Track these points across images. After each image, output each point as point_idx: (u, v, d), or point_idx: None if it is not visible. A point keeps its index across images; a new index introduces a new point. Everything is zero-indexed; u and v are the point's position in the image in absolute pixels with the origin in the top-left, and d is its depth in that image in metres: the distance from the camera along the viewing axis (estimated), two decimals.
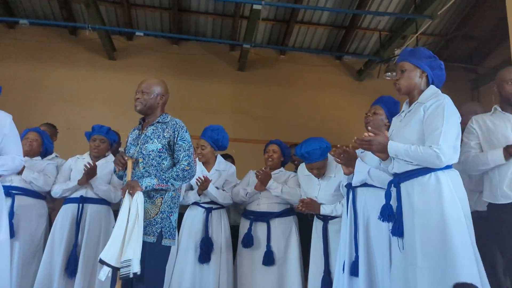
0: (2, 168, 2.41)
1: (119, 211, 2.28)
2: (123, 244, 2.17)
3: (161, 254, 2.26)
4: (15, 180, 3.26)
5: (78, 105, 6.19)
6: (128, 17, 6.30)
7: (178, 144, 2.40)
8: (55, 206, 3.57)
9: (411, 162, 2.02)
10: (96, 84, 6.39)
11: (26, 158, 3.27)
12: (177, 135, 2.41)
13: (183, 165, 2.36)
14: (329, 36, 6.74)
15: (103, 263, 2.15)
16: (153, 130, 2.46)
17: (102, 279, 2.15)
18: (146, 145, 2.43)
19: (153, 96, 2.51)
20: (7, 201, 2.90)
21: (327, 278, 2.75)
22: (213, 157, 3.47)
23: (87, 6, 5.44)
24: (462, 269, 1.82)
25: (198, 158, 3.41)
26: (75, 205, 3.23)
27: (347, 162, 2.54)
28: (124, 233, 2.19)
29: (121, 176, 2.60)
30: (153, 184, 2.30)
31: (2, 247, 2.33)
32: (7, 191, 2.99)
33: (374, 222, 2.34)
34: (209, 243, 3.18)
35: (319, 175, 3.00)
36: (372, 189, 2.46)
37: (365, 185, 2.51)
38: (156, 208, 2.34)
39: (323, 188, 2.98)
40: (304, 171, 3.16)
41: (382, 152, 2.09)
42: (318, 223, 2.97)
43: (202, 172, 3.33)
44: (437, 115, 2.01)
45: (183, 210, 3.39)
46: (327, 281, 2.74)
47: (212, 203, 3.34)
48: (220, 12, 6.34)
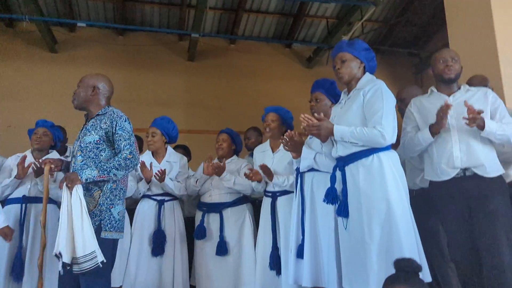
0: None
1: (60, 207, 2.21)
2: (72, 240, 2.13)
3: (103, 247, 2.19)
4: None
5: (18, 101, 5.86)
6: (69, 7, 6.03)
7: (117, 133, 2.34)
8: None
9: (357, 143, 2.12)
10: (37, 78, 6.07)
11: None
12: (115, 124, 2.35)
13: (125, 154, 2.30)
14: (278, 24, 6.77)
15: (59, 256, 2.12)
16: (93, 123, 2.41)
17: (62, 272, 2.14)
18: (84, 138, 2.38)
19: (87, 90, 2.46)
20: None
21: (275, 254, 2.79)
22: (163, 148, 3.43)
23: None
24: (404, 243, 1.95)
25: (148, 147, 3.38)
26: (18, 205, 3.09)
27: (294, 148, 2.60)
28: (69, 229, 2.14)
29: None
30: (94, 176, 2.24)
31: None
32: None
33: (321, 206, 2.40)
34: (161, 236, 3.15)
35: (270, 133, 3.04)
36: (319, 174, 2.52)
37: (312, 169, 2.57)
38: (94, 201, 2.29)
39: (276, 161, 3.01)
40: (260, 149, 3.22)
41: (327, 136, 2.21)
42: (266, 200, 2.99)
43: (152, 165, 3.27)
44: (377, 99, 2.14)
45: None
46: (275, 256, 2.78)
47: (164, 195, 3.30)
48: (166, 1, 6.20)
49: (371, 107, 2.14)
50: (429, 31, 6.87)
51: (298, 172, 2.64)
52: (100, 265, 2.11)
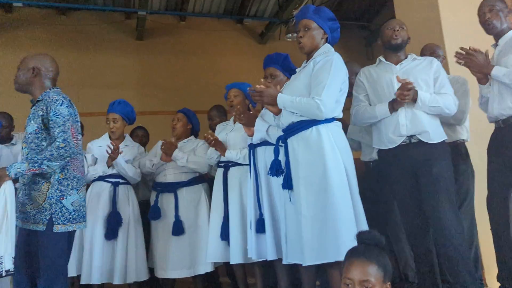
0: None
1: None
2: None
3: (56, 242, 2.12)
4: None
5: None
6: None
7: (52, 120, 2.17)
8: None
9: (296, 113, 2.11)
10: None
11: None
12: (49, 110, 2.17)
13: (58, 142, 2.12)
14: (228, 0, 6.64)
15: None
16: (34, 110, 2.26)
17: None
18: (27, 128, 2.24)
19: (27, 72, 2.29)
20: None
21: (226, 224, 2.78)
22: (123, 134, 3.38)
23: None
24: (340, 214, 1.97)
25: (111, 134, 3.30)
26: None
27: (248, 121, 2.57)
28: None
29: None
30: (23, 170, 2.08)
31: None
32: None
33: (276, 179, 2.39)
34: (117, 218, 3.09)
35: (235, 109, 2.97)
36: (272, 147, 2.45)
37: (265, 143, 2.55)
38: (42, 194, 2.17)
39: (234, 132, 2.96)
40: (223, 124, 3.17)
41: (273, 104, 2.17)
42: (219, 171, 2.96)
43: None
44: (324, 70, 2.11)
45: None
46: (227, 226, 2.77)
47: (119, 177, 3.23)
48: None
49: (316, 77, 2.12)
50: (377, 4, 6.97)
51: (251, 148, 2.62)
52: (3, 274, 1.97)
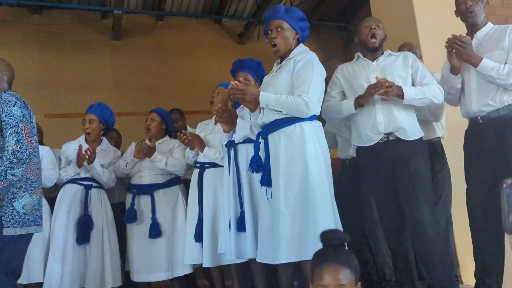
0: None
1: None
2: None
3: (5, 245, 2.04)
4: None
5: None
6: None
7: (4, 121, 2.12)
8: None
9: (281, 111, 2.10)
10: None
11: None
12: (2, 111, 2.12)
13: (11, 147, 2.06)
14: None
15: None
16: None
17: None
18: None
19: None
20: None
21: (200, 225, 2.75)
22: (99, 136, 3.31)
23: None
24: (320, 212, 1.97)
25: (86, 135, 3.22)
26: None
27: (229, 120, 2.54)
28: None
29: None
30: None
31: None
32: None
33: (257, 176, 2.35)
34: (88, 222, 3.01)
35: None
36: (252, 144, 2.43)
37: (246, 141, 2.52)
38: None
39: (215, 132, 2.92)
40: (205, 122, 3.13)
41: (253, 103, 2.15)
42: (194, 172, 2.93)
43: (82, 147, 3.10)
44: (307, 68, 2.12)
45: None
46: (200, 228, 2.74)
47: (92, 180, 3.15)
48: None
49: (300, 76, 2.12)
50: (355, 4, 7.02)
51: (230, 145, 2.58)
52: None
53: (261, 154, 2.18)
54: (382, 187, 2.38)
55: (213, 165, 2.83)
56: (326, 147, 2.17)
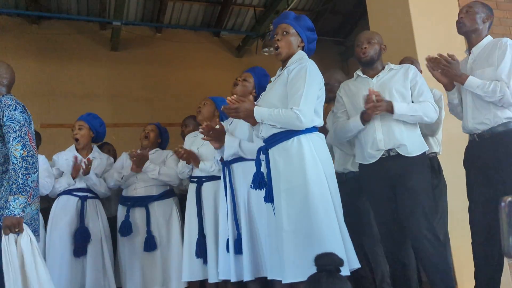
0: None
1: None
2: None
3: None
4: None
5: None
6: None
7: (5, 125, 2.07)
8: None
9: (276, 125, 2.04)
10: None
11: None
12: (2, 115, 2.08)
13: (19, 153, 2.02)
14: (205, 12, 6.63)
15: None
16: None
17: None
18: None
19: None
20: None
21: (201, 241, 2.71)
22: (90, 145, 3.27)
23: None
24: (324, 230, 1.89)
25: (75, 143, 3.18)
26: None
27: (217, 138, 2.51)
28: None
29: None
30: (24, 202, 2.00)
31: None
32: None
33: (255, 195, 2.34)
34: (85, 234, 2.96)
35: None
36: (249, 162, 2.41)
37: (240, 159, 2.49)
38: None
39: (206, 144, 2.85)
40: (192, 134, 3.11)
41: (250, 118, 2.09)
42: (191, 186, 2.89)
43: (77, 158, 3.10)
44: (299, 78, 2.03)
45: None
46: (202, 243, 2.70)
47: (87, 191, 3.11)
48: None
49: (292, 86, 2.04)
50: (353, 19, 7.10)
51: (225, 165, 2.55)
52: None
53: (263, 170, 2.11)
54: (382, 203, 2.35)
55: (210, 178, 2.81)
56: (329, 159, 2.09)
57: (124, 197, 3.19)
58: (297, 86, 2.02)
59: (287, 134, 2.04)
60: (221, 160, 2.59)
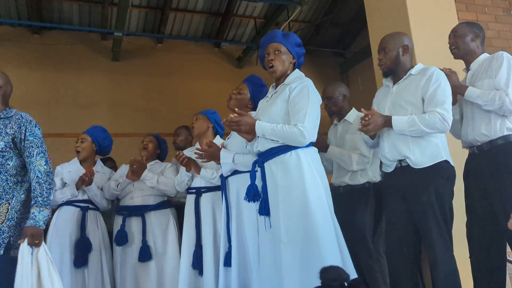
0: None
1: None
2: None
3: (12, 268, 1.99)
4: None
5: None
6: None
7: (28, 140, 2.17)
8: None
9: (277, 140, 2.08)
10: None
11: None
12: (25, 130, 2.18)
13: (43, 168, 2.14)
14: (206, 23, 6.67)
15: None
16: None
17: None
18: None
19: None
20: None
21: (198, 252, 2.71)
22: (93, 158, 3.27)
23: None
24: (322, 240, 1.92)
25: (76, 153, 3.18)
26: None
27: (212, 158, 2.57)
28: None
29: None
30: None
31: None
32: None
33: (247, 208, 2.35)
34: (86, 244, 2.95)
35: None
36: (244, 175, 2.41)
37: (235, 172, 2.50)
38: (1, 215, 2.08)
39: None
40: (190, 149, 3.11)
41: (249, 133, 2.13)
42: (190, 198, 2.89)
43: (79, 171, 3.11)
44: (302, 96, 2.11)
45: None
46: (199, 255, 2.70)
47: (88, 202, 3.10)
48: None
49: (295, 104, 2.10)
50: (352, 31, 7.13)
51: (222, 179, 2.57)
52: None
53: (258, 182, 2.14)
54: (394, 213, 2.28)
55: (209, 189, 2.80)
56: (324, 173, 2.14)
57: (121, 206, 3.18)
58: (301, 104, 2.09)
59: (284, 148, 2.08)
60: (220, 176, 2.61)
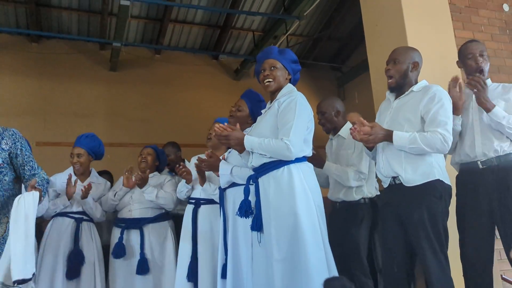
0: None
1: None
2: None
3: None
4: None
5: None
6: None
7: (26, 155, 2.28)
8: None
9: (265, 155, 2.09)
10: None
11: None
12: (20, 145, 2.27)
13: (42, 174, 2.29)
14: (204, 35, 6.71)
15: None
16: None
17: None
18: None
19: None
20: None
21: (194, 264, 2.69)
22: (88, 169, 3.26)
23: None
24: (311, 259, 1.91)
25: (75, 169, 3.16)
26: None
27: (211, 168, 2.57)
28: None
29: None
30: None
31: None
32: None
33: (242, 221, 2.32)
34: (79, 256, 2.92)
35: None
36: (241, 188, 2.36)
37: (233, 185, 2.50)
38: (2, 226, 2.16)
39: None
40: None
41: (240, 146, 2.14)
42: (188, 208, 2.88)
43: (77, 182, 3.07)
44: (289, 110, 2.11)
45: None
46: (194, 267, 2.68)
47: (83, 213, 3.08)
48: (86, 8, 5.90)
49: (282, 118, 2.11)
50: (350, 46, 7.20)
51: (221, 191, 2.57)
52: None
53: (251, 198, 2.15)
54: (388, 231, 2.26)
55: (209, 201, 2.80)
56: (317, 189, 2.13)
57: (119, 219, 3.17)
58: (287, 118, 2.09)
59: (277, 164, 2.09)
60: (219, 188, 2.61)
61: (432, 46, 3.39)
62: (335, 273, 1.99)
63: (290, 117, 2.08)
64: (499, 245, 2.35)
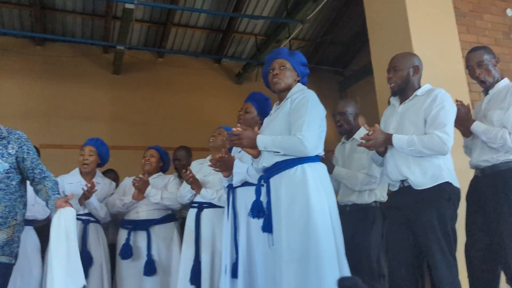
0: None
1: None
2: None
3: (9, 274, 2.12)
4: None
5: None
6: None
7: (34, 157, 2.26)
8: None
9: (279, 152, 2.05)
10: None
11: None
12: (27, 149, 2.24)
13: (52, 176, 2.29)
14: (207, 39, 6.74)
15: None
16: None
17: None
18: None
19: None
20: None
21: (196, 268, 2.69)
22: (94, 170, 3.29)
23: None
24: (323, 260, 1.88)
25: (83, 167, 3.18)
26: None
27: (226, 167, 2.54)
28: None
29: None
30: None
31: None
32: None
33: (255, 221, 2.30)
34: (87, 258, 2.92)
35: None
36: (252, 187, 2.37)
37: (245, 184, 2.50)
38: (10, 228, 2.15)
39: (213, 173, 2.89)
40: (199, 161, 3.12)
41: (252, 147, 2.10)
42: (191, 211, 2.88)
43: (80, 183, 3.11)
44: (301, 106, 2.09)
45: None
46: (197, 270, 2.68)
47: (89, 215, 3.09)
48: (90, 12, 5.92)
49: (295, 114, 2.09)
50: (352, 50, 7.22)
51: (230, 189, 2.56)
52: None
53: (263, 199, 2.11)
54: (395, 234, 2.25)
55: (211, 205, 2.81)
56: (331, 190, 2.10)
57: (126, 220, 3.18)
58: (300, 113, 2.07)
59: (290, 163, 2.04)
60: (228, 187, 2.59)
61: (436, 49, 3.40)
62: (347, 274, 1.96)
63: (302, 113, 2.06)
64: None
